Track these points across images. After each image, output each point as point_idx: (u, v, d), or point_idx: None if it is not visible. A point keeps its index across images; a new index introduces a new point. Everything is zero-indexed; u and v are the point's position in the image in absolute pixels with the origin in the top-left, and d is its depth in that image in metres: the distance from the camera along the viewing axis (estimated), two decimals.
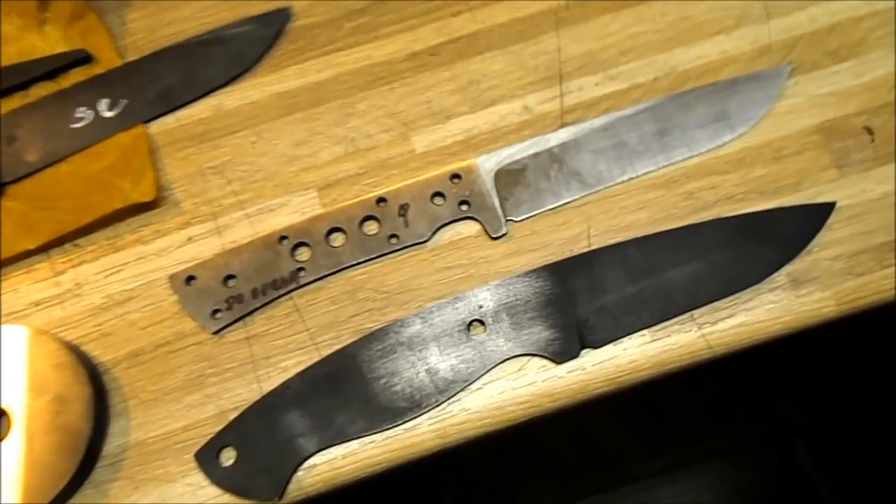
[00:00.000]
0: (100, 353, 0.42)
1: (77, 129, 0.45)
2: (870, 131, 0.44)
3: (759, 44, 0.46)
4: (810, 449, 1.05)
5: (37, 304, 0.43)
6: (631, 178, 0.44)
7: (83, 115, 0.46)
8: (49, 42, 0.47)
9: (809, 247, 0.42)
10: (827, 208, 0.42)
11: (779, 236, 0.42)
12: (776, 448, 1.06)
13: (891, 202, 0.43)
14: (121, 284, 0.43)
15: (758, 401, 1.06)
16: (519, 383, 0.41)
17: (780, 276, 0.42)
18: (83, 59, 0.47)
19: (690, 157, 0.44)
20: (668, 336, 0.41)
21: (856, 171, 0.43)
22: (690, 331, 0.41)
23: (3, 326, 0.41)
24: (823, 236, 0.42)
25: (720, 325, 0.41)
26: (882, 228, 0.42)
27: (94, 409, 0.39)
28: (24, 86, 0.47)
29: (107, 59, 0.47)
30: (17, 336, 0.40)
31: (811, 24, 0.46)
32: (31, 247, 0.43)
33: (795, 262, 0.42)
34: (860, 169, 0.43)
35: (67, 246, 0.44)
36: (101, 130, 0.45)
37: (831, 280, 0.41)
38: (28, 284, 0.43)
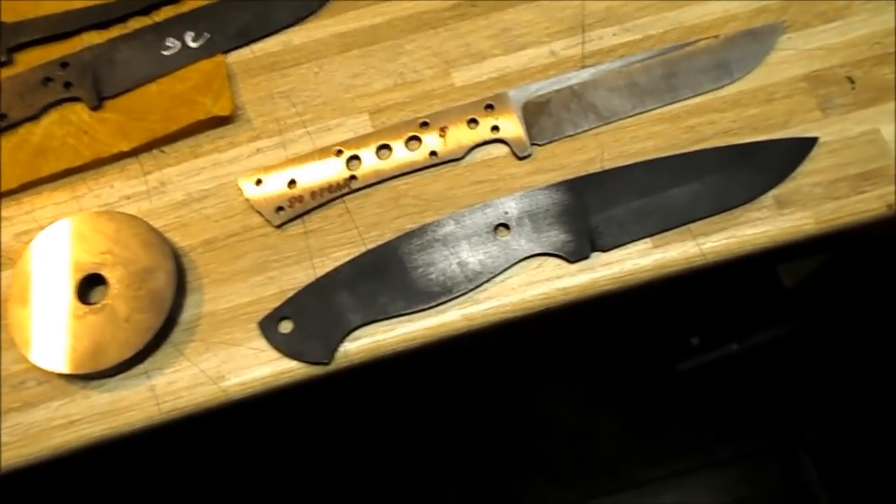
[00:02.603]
0: (179, 240, 0.49)
1: (166, 56, 0.53)
2: (851, 80, 0.51)
3: (757, 5, 0.53)
4: (817, 464, 1.08)
5: (128, 197, 0.50)
6: (640, 113, 0.51)
7: (172, 44, 0.53)
8: None
9: (794, 174, 0.48)
10: (810, 142, 0.49)
11: (767, 163, 0.48)
12: (781, 461, 1.09)
13: (866, 140, 0.49)
14: (199, 185, 0.50)
15: (764, 412, 1.10)
16: (537, 277, 0.47)
17: (767, 197, 0.48)
18: None
19: (693, 97, 0.51)
20: (668, 244, 0.48)
21: (837, 114, 0.50)
22: (687, 240, 0.48)
23: (102, 212, 0.49)
24: (806, 166, 0.49)
25: (713, 237, 0.47)
26: (858, 161, 0.48)
27: (175, 278, 0.46)
28: (122, 19, 0.55)
29: None
30: (114, 220, 0.48)
31: None
32: (125, 149, 0.50)
33: (781, 186, 0.48)
34: (841, 112, 0.50)
35: (155, 151, 0.51)
36: (187, 58, 0.53)
37: (812, 202, 0.48)
38: (121, 181, 0.51)
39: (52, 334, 0.45)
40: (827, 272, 0.92)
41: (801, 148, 0.49)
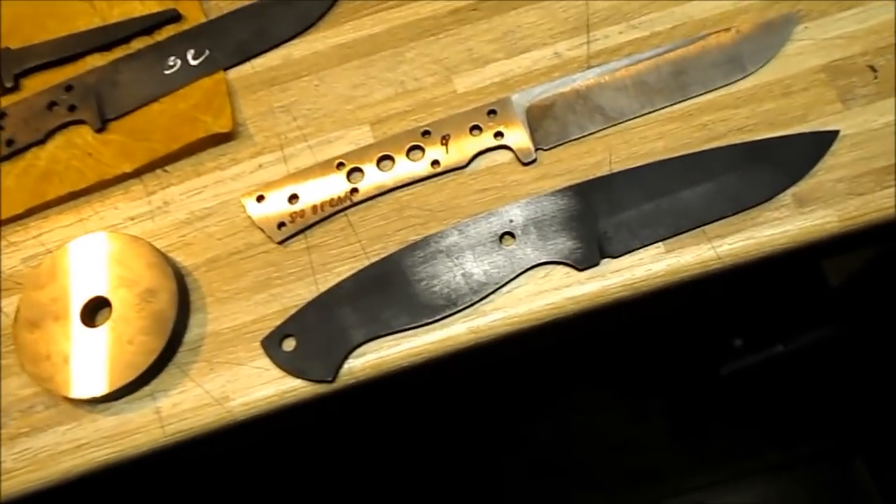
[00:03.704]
0: (183, 259, 0.49)
1: (168, 74, 0.53)
2: (873, 69, 0.48)
3: None
4: (872, 469, 1.04)
5: (132, 218, 0.50)
6: (650, 113, 0.49)
7: (173, 63, 0.53)
8: (146, 5, 0.55)
9: (814, 170, 0.46)
10: (830, 136, 0.46)
11: (785, 160, 0.46)
12: (835, 466, 1.06)
13: (891, 131, 0.46)
14: (201, 203, 0.50)
15: (816, 416, 1.06)
16: (545, 287, 0.46)
17: (786, 196, 0.46)
18: (174, 17, 0.55)
19: (705, 94, 0.49)
20: (681, 248, 0.46)
21: (859, 105, 0.47)
22: (701, 243, 0.45)
23: (106, 234, 0.49)
24: (827, 161, 0.46)
25: (729, 239, 0.45)
26: (882, 154, 0.46)
27: (178, 299, 0.46)
28: (125, 40, 0.55)
29: (193, 18, 0.55)
30: (117, 242, 0.48)
31: None
32: (129, 170, 0.50)
33: (800, 183, 0.46)
34: (863, 102, 0.47)
35: (158, 171, 0.51)
36: (188, 76, 0.53)
37: (834, 199, 0.45)
38: (125, 202, 0.51)
39: (59, 358, 0.45)
40: (875, 268, 0.88)
41: (821, 142, 0.46)
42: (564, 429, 1.09)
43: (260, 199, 0.49)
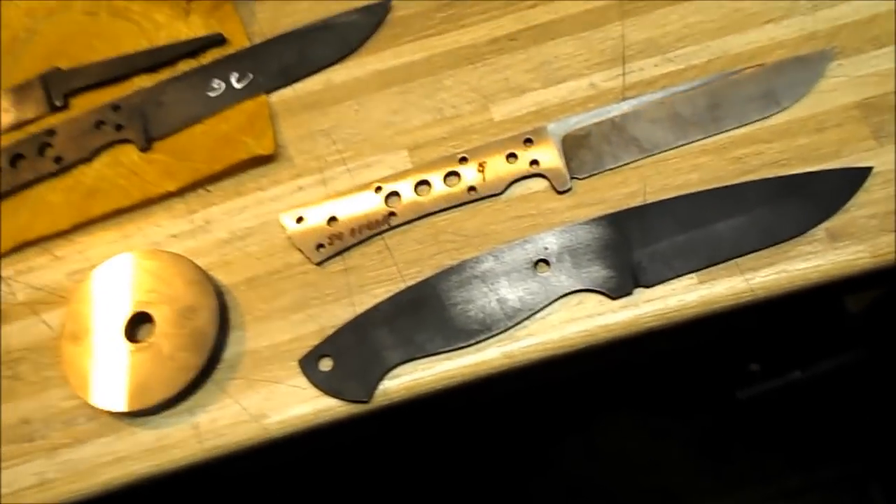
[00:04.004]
0: (222, 277, 0.50)
1: (212, 97, 0.55)
2: None
3: (805, 31, 0.52)
4: (888, 493, 1.04)
5: (174, 236, 0.52)
6: (684, 145, 0.50)
7: (217, 86, 0.55)
8: (192, 28, 0.57)
9: (847, 206, 0.46)
10: (864, 172, 0.47)
11: (818, 195, 0.47)
12: (854, 491, 1.05)
13: None
14: (242, 223, 0.51)
15: (834, 441, 1.06)
16: (578, 314, 0.46)
17: (819, 230, 0.46)
18: (219, 41, 0.56)
19: (739, 128, 0.50)
20: (714, 279, 0.46)
21: (892, 142, 0.48)
22: (734, 276, 0.46)
23: (148, 251, 0.50)
24: (860, 197, 0.47)
25: (762, 272, 0.46)
26: None
27: (218, 316, 0.47)
28: (171, 62, 0.56)
29: (238, 42, 0.57)
30: (159, 259, 0.49)
31: (854, 15, 0.51)
32: (172, 189, 0.52)
33: (833, 219, 0.46)
34: None
35: (200, 191, 0.53)
36: (231, 98, 0.54)
37: (867, 235, 0.46)
38: (168, 220, 0.52)
39: (102, 372, 0.46)
40: (894, 295, 0.88)
41: (854, 178, 0.47)
42: (591, 451, 1.09)
43: (299, 220, 0.50)
